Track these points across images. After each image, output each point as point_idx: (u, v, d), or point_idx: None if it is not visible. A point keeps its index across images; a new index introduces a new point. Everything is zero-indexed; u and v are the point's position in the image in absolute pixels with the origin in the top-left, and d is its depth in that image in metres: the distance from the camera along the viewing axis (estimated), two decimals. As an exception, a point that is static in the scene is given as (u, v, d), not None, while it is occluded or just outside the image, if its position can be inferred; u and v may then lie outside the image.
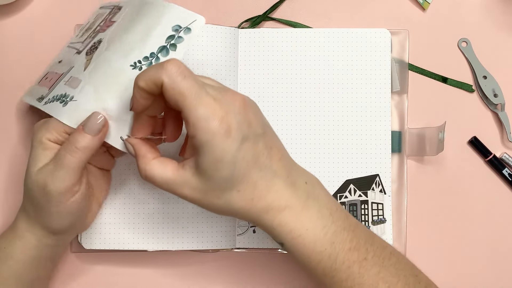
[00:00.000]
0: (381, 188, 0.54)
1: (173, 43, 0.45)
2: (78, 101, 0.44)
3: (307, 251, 0.42)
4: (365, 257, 0.42)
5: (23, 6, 0.57)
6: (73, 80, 0.47)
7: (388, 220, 0.54)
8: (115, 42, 0.46)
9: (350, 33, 0.56)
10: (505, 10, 0.58)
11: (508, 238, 0.56)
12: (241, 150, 0.40)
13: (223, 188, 0.40)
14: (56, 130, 0.44)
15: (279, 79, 0.55)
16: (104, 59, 0.46)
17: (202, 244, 0.52)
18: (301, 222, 0.42)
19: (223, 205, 0.41)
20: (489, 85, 0.57)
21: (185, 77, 0.38)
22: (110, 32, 0.49)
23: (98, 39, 0.49)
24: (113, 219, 0.52)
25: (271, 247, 0.54)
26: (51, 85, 0.49)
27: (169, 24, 0.45)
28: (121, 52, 0.45)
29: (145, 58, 0.45)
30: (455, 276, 0.56)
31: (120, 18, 0.50)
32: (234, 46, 0.55)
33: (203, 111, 0.38)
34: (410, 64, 0.57)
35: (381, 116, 0.55)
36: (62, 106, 0.45)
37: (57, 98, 0.46)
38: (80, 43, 0.52)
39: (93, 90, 0.44)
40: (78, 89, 0.45)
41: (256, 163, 0.41)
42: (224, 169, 0.39)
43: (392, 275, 0.42)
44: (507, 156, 0.57)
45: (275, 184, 0.42)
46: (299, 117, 0.55)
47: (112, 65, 0.45)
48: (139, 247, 0.52)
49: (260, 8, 0.58)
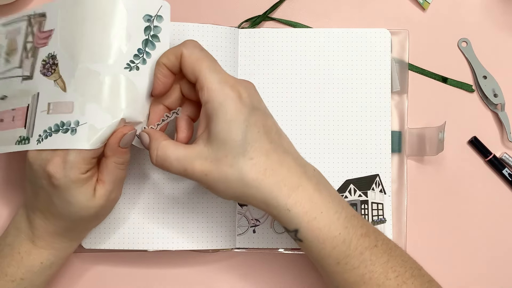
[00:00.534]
0: (381, 188, 0.54)
1: (153, 34, 0.45)
2: (89, 122, 0.42)
3: (323, 235, 0.41)
4: (375, 244, 0.42)
5: (23, 6, 0.57)
6: (58, 105, 0.43)
7: (388, 220, 0.54)
8: (82, 51, 0.44)
9: (350, 33, 0.56)
10: (505, 10, 0.58)
11: (508, 238, 0.56)
12: (253, 115, 0.41)
13: (236, 153, 0.40)
14: (83, 162, 0.42)
15: (279, 79, 0.55)
16: (85, 72, 0.43)
17: (202, 244, 0.52)
18: (315, 203, 0.41)
19: (235, 176, 0.40)
20: (489, 85, 0.57)
21: (202, 49, 0.43)
22: (59, 42, 0.45)
23: (48, 55, 0.45)
24: (113, 219, 0.52)
25: (271, 247, 0.54)
26: (24, 123, 0.45)
27: (138, 15, 0.44)
28: (101, 58, 0.43)
29: (135, 56, 0.44)
30: (455, 276, 0.56)
31: (57, 25, 0.46)
32: (234, 46, 0.55)
33: (217, 76, 0.41)
34: (410, 64, 0.57)
35: (381, 116, 0.55)
36: (72, 135, 0.42)
37: (54, 130, 0.43)
38: (17, 69, 0.48)
39: (98, 106, 0.42)
40: (78, 112, 0.43)
41: (267, 134, 0.41)
42: (238, 130, 0.40)
43: (399, 265, 0.42)
44: (507, 156, 0.57)
45: (286, 159, 0.42)
46: (299, 117, 0.55)
47: (103, 74, 0.43)
48: (139, 247, 0.52)
49: (260, 8, 0.58)
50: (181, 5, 0.58)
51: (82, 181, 0.42)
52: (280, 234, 0.54)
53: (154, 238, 0.52)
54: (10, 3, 0.56)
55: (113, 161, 0.43)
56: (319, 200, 0.41)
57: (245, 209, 0.54)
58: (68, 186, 0.42)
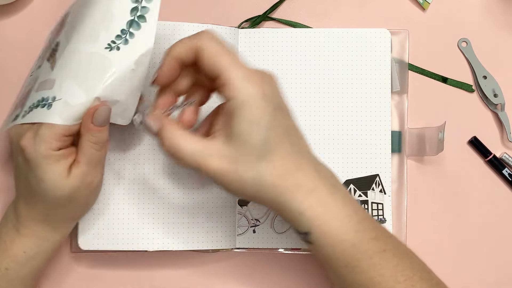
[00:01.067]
0: (381, 188, 0.54)
1: (140, 15, 0.44)
2: (64, 99, 0.42)
3: (333, 239, 0.41)
4: (384, 248, 0.42)
5: (23, 6, 0.57)
6: (44, 83, 0.44)
7: (388, 220, 0.54)
8: (75, 34, 0.45)
9: (350, 33, 0.56)
10: (505, 10, 0.58)
11: (508, 238, 0.56)
12: (275, 116, 0.40)
13: (256, 155, 0.39)
14: (54, 137, 0.41)
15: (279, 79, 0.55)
16: (71, 51, 0.44)
17: (202, 244, 0.52)
18: (328, 208, 0.41)
19: (253, 178, 0.40)
20: (489, 85, 0.57)
21: (220, 42, 0.40)
22: (64, 32, 0.47)
23: (55, 43, 0.47)
24: (112, 219, 0.52)
25: (271, 247, 0.54)
26: (22, 104, 0.46)
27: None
28: (87, 38, 0.44)
29: (117, 36, 0.44)
30: (455, 276, 0.56)
31: (69, 18, 0.48)
32: (234, 46, 0.55)
33: (240, 72, 0.39)
34: (410, 64, 0.57)
35: (381, 116, 0.55)
36: (47, 109, 0.42)
37: (35, 105, 0.43)
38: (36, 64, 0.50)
39: (75, 83, 0.43)
40: (57, 88, 0.43)
41: (287, 136, 0.41)
42: (260, 132, 0.39)
43: (408, 269, 0.42)
44: (507, 156, 0.57)
45: (303, 163, 0.41)
46: (299, 117, 0.54)
47: (84, 53, 0.43)
48: (138, 247, 0.52)
49: (260, 8, 0.58)
50: (181, 5, 0.58)
51: (54, 158, 0.41)
52: (280, 234, 0.54)
53: (154, 239, 0.52)
54: (10, 3, 0.56)
55: (87, 139, 0.43)
56: (332, 204, 0.41)
57: (245, 209, 0.54)
58: (39, 161, 0.41)
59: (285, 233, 0.54)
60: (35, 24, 0.57)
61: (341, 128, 0.55)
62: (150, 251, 0.52)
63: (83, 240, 0.52)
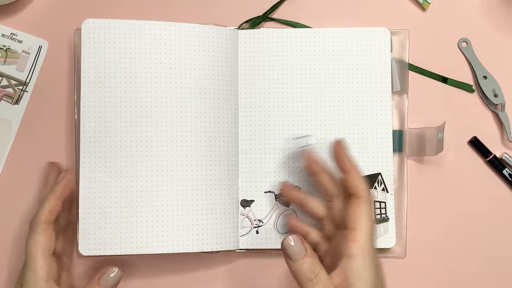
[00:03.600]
0: (384, 186, 0.55)
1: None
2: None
3: None
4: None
5: (23, 6, 0.57)
6: None
7: (391, 219, 0.54)
8: None
9: (350, 33, 0.56)
10: (505, 10, 0.58)
11: (508, 238, 0.56)
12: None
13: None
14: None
15: (279, 79, 0.55)
16: None
17: (205, 246, 0.52)
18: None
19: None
20: (489, 85, 0.57)
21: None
22: None
23: None
24: (113, 223, 0.52)
25: (274, 247, 0.54)
26: None
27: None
28: None
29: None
30: (455, 276, 0.56)
31: None
32: (234, 47, 0.55)
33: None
34: (410, 64, 0.57)
35: (382, 116, 0.55)
36: None
37: None
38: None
39: None
40: None
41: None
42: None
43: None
44: (507, 156, 0.57)
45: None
46: (299, 117, 0.55)
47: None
48: (142, 251, 0.51)
49: (260, 9, 0.58)
50: (181, 5, 0.58)
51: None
52: (283, 234, 0.54)
53: (156, 241, 0.52)
54: (10, 3, 0.56)
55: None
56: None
57: (248, 210, 0.54)
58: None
59: (288, 234, 0.54)
60: (35, 24, 0.57)
61: (342, 128, 0.55)
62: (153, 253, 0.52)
63: (83, 246, 0.51)
